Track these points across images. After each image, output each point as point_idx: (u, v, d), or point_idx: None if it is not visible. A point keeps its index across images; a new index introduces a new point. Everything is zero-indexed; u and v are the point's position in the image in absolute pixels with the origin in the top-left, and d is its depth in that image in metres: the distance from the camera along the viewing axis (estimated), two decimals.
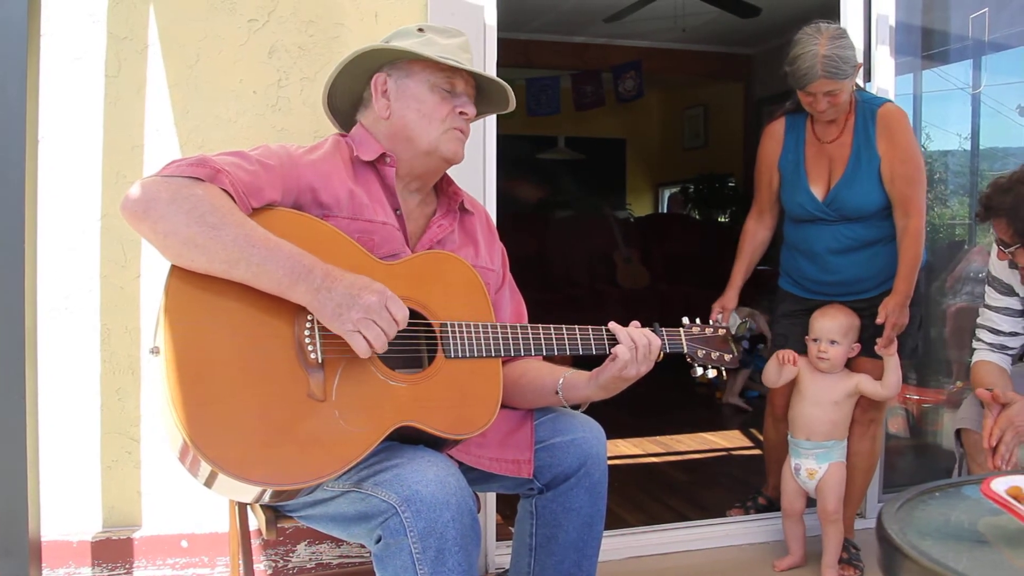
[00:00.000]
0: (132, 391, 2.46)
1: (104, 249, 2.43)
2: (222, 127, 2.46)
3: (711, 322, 1.94)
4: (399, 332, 1.52)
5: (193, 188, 1.49)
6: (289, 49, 2.49)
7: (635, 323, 1.79)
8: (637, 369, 1.72)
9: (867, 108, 2.70)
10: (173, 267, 1.49)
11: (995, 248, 2.32)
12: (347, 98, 1.88)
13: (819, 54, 2.51)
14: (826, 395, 2.73)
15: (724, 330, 1.94)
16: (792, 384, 2.82)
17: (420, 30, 1.80)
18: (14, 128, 1.87)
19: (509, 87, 1.85)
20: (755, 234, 2.98)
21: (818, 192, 2.73)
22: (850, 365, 2.76)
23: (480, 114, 1.90)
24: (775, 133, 2.87)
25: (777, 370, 2.79)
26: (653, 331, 1.81)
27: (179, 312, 1.46)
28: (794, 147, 2.81)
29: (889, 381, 2.67)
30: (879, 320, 2.59)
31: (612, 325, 1.75)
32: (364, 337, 1.47)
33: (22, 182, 1.88)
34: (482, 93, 1.88)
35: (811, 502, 2.84)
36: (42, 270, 2.31)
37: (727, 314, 2.78)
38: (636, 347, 1.71)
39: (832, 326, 2.70)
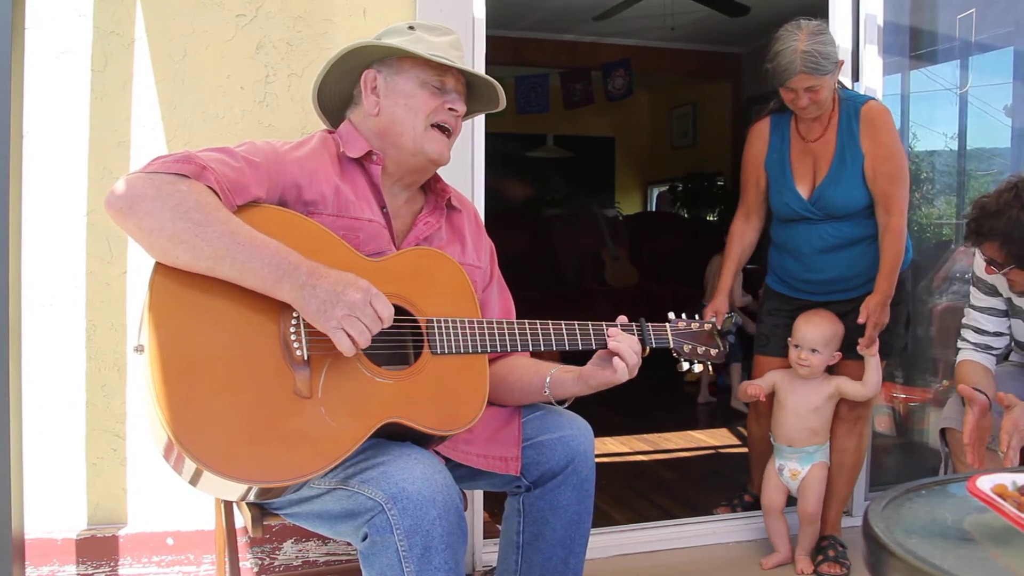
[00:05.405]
0: (118, 388, 2.45)
1: (90, 245, 2.41)
2: (209, 123, 2.45)
3: (697, 317, 1.95)
4: (385, 328, 1.52)
5: (178, 184, 1.48)
6: (277, 45, 2.48)
7: (622, 318, 1.80)
8: (629, 376, 1.74)
9: (851, 106, 2.70)
10: (158, 264, 1.49)
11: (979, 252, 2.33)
12: (336, 95, 1.87)
13: (798, 49, 2.52)
14: (805, 403, 2.76)
15: (710, 325, 1.95)
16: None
17: (411, 28, 1.80)
18: None
19: (499, 85, 1.84)
20: (743, 235, 2.98)
21: (803, 191, 2.74)
22: (834, 367, 2.78)
23: (470, 113, 1.90)
24: (760, 133, 2.87)
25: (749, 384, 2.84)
26: (639, 327, 1.82)
27: (164, 309, 1.45)
28: (779, 146, 2.82)
29: (870, 380, 2.69)
30: (861, 319, 2.60)
31: (613, 345, 1.73)
32: (348, 335, 1.47)
33: (6, 177, 1.87)
34: (472, 91, 1.88)
35: (791, 500, 2.86)
36: (27, 266, 2.30)
37: (720, 317, 2.78)
38: (638, 359, 1.73)
39: (815, 336, 2.70)
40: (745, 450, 3.56)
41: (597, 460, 1.84)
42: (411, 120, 1.75)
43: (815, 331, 2.71)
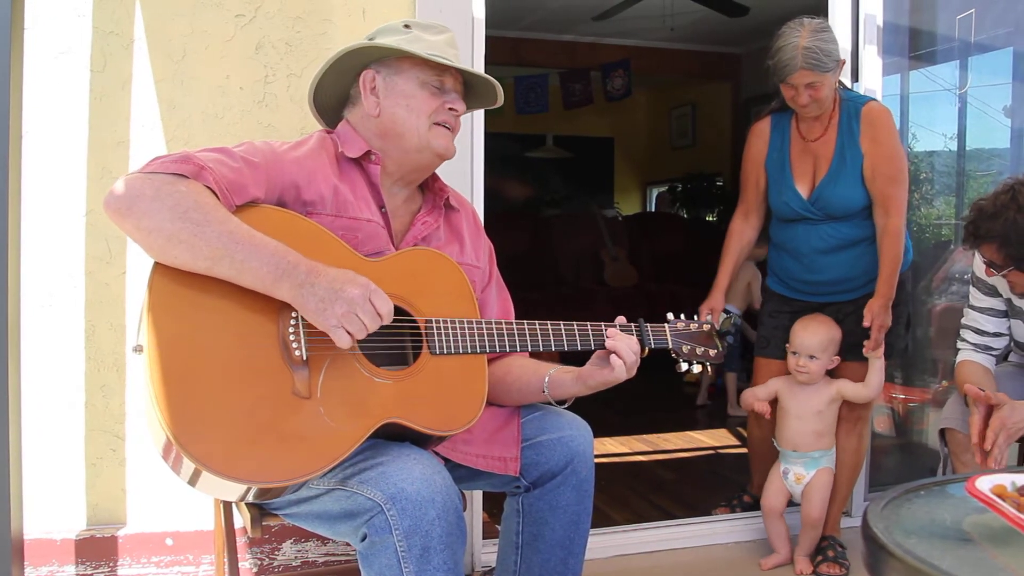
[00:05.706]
0: (117, 388, 2.45)
1: (89, 245, 2.41)
2: (208, 123, 2.45)
3: (695, 317, 1.95)
4: (384, 328, 1.52)
5: (177, 185, 1.48)
6: (276, 45, 2.48)
7: (621, 318, 1.80)
8: (627, 376, 1.74)
9: (851, 106, 2.70)
10: (156, 264, 1.49)
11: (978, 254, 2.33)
12: (333, 96, 1.87)
13: (800, 45, 2.52)
14: (808, 407, 2.75)
15: (709, 325, 1.95)
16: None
17: (406, 26, 1.79)
18: None
19: (497, 83, 1.84)
20: (742, 234, 2.98)
21: (803, 190, 2.74)
22: (835, 369, 2.77)
23: (468, 109, 1.90)
24: (761, 132, 2.87)
25: (753, 398, 2.84)
26: (638, 327, 1.82)
27: (163, 309, 1.45)
28: (779, 146, 2.82)
29: (872, 382, 2.69)
30: (865, 323, 2.60)
31: (611, 344, 1.73)
32: (347, 332, 1.47)
33: (6, 177, 1.87)
34: (470, 89, 1.88)
35: (791, 502, 2.86)
36: (26, 266, 2.30)
37: (716, 315, 2.78)
38: (637, 358, 1.73)
39: (812, 342, 2.70)
40: (744, 451, 3.57)
41: (596, 460, 1.84)
42: (413, 120, 1.75)
43: (812, 337, 2.70)
